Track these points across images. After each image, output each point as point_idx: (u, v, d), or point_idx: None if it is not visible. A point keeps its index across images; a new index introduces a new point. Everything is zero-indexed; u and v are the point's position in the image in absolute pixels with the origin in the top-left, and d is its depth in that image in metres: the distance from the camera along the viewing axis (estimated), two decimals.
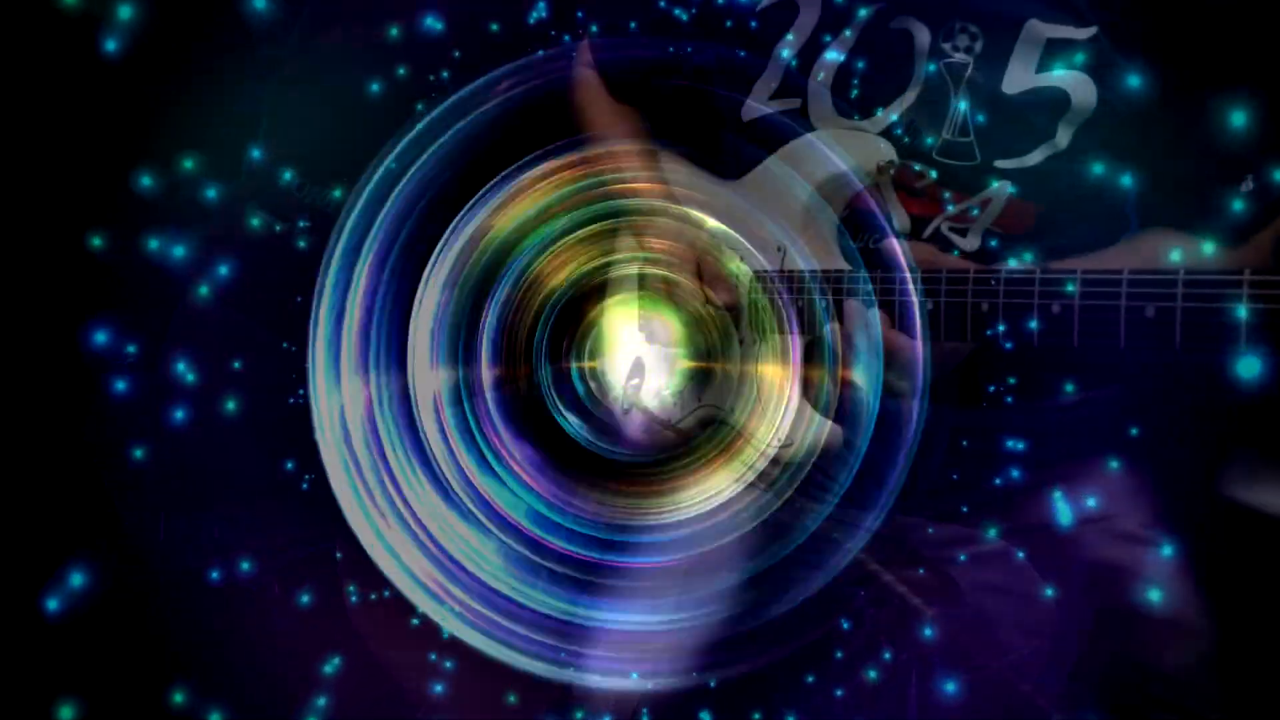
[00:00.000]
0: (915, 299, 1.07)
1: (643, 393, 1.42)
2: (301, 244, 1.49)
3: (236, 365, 1.44)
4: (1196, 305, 0.86)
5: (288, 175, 1.51)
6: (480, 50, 1.46)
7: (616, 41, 1.39)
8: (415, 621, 1.25)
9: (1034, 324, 0.97)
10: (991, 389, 1.23)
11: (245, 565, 1.40)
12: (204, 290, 1.39)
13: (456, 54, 1.45)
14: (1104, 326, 0.92)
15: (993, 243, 1.20)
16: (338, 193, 1.42)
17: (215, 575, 1.39)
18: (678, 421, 1.39)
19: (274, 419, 1.39)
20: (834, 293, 1.16)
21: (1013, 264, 1.18)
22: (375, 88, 1.45)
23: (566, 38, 1.46)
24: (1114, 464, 1.26)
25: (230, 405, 1.41)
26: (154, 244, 1.31)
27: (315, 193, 1.53)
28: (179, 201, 1.35)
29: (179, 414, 1.37)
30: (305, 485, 1.41)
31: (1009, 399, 1.24)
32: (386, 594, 1.22)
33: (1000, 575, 1.27)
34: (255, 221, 1.51)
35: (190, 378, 1.40)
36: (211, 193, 1.37)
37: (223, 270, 1.40)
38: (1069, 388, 1.24)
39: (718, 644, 1.27)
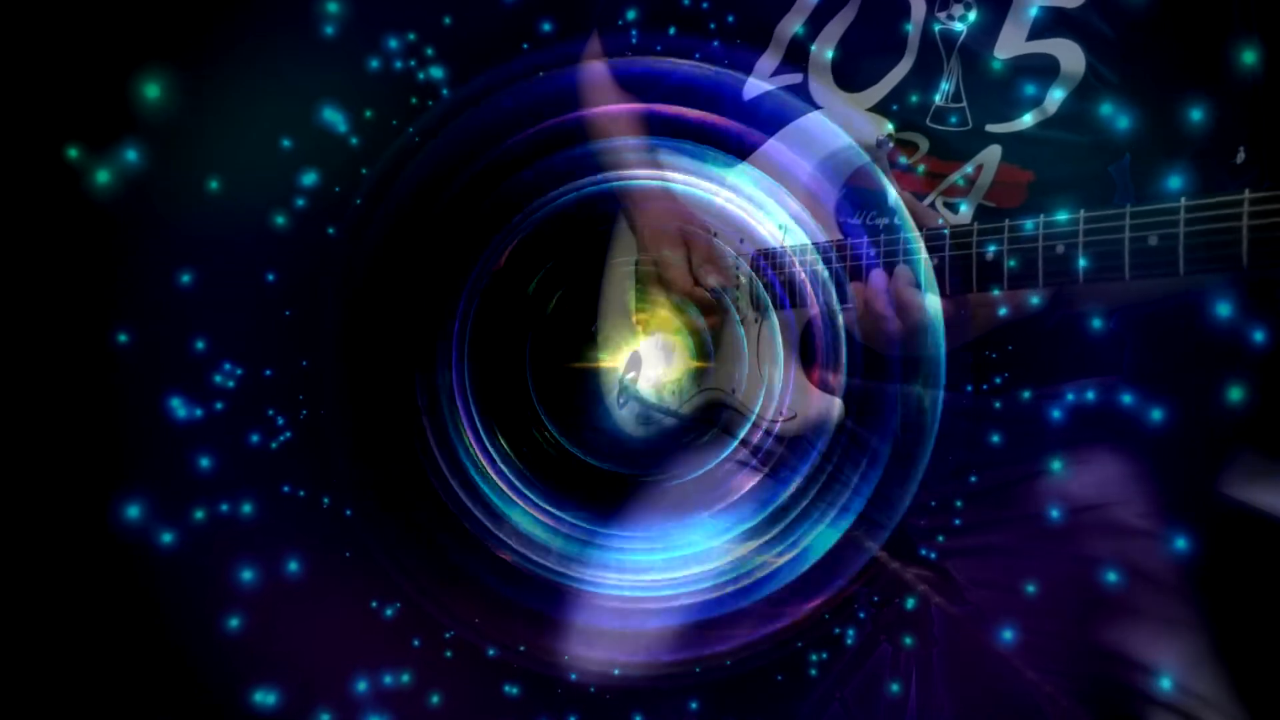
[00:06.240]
0: (923, 255, 1.08)
1: (640, 384, 1.43)
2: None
3: None
4: (1199, 229, 0.88)
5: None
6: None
7: (622, 40, 1.43)
8: None
9: (1038, 264, 0.98)
10: (991, 377, 1.23)
11: None
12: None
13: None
14: (1108, 259, 0.93)
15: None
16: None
17: None
18: (680, 407, 1.38)
19: None
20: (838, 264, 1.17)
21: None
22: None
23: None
24: (1110, 454, 1.25)
25: None
26: None
27: None
28: None
29: None
30: None
31: (1007, 387, 1.24)
32: None
33: (994, 568, 1.25)
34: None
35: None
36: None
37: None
38: (1068, 377, 1.24)
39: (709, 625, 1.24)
